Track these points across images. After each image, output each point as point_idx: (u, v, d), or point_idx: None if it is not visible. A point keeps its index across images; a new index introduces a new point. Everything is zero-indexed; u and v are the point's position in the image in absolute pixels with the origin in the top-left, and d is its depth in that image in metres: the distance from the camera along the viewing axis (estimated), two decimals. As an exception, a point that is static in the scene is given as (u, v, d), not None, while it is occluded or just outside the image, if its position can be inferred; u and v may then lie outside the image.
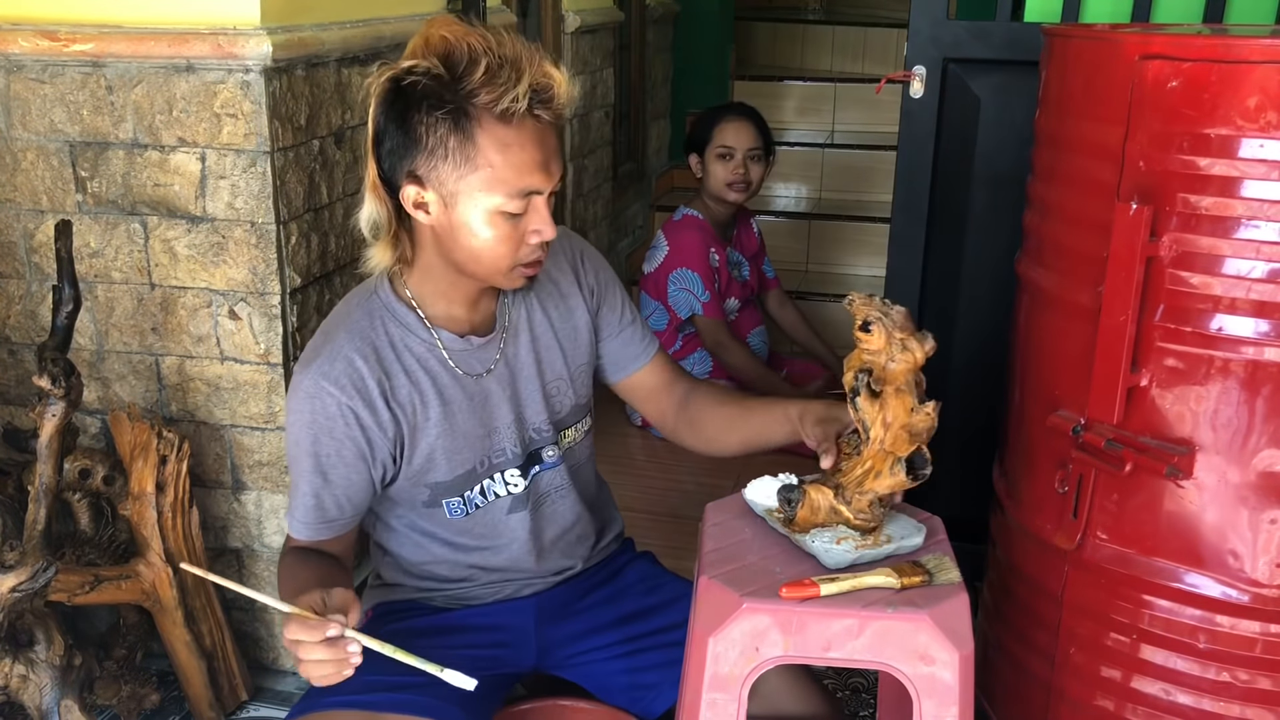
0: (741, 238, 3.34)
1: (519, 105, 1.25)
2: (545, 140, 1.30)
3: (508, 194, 1.30)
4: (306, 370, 1.39)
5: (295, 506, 1.44)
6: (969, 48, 2.21)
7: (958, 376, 2.36)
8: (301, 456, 1.41)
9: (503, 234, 1.33)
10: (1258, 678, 1.49)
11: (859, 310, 1.30)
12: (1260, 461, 1.43)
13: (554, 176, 1.32)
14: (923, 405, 1.29)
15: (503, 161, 1.28)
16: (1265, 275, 1.37)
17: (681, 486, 2.95)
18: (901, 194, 2.35)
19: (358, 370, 1.38)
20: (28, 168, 1.99)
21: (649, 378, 1.62)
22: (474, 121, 1.27)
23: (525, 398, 1.51)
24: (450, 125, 1.27)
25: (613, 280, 1.61)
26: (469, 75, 1.25)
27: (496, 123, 1.27)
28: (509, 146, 1.28)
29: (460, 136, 1.27)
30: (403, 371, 1.41)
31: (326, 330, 1.44)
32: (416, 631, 1.53)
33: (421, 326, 1.43)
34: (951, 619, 1.21)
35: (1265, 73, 1.32)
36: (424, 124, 1.28)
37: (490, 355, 1.47)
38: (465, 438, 1.46)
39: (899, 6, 4.75)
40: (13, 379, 2.13)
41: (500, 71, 1.25)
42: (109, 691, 1.99)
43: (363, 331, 1.41)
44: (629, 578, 1.67)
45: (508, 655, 1.57)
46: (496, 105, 1.25)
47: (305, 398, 1.38)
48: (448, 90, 1.26)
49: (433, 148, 1.29)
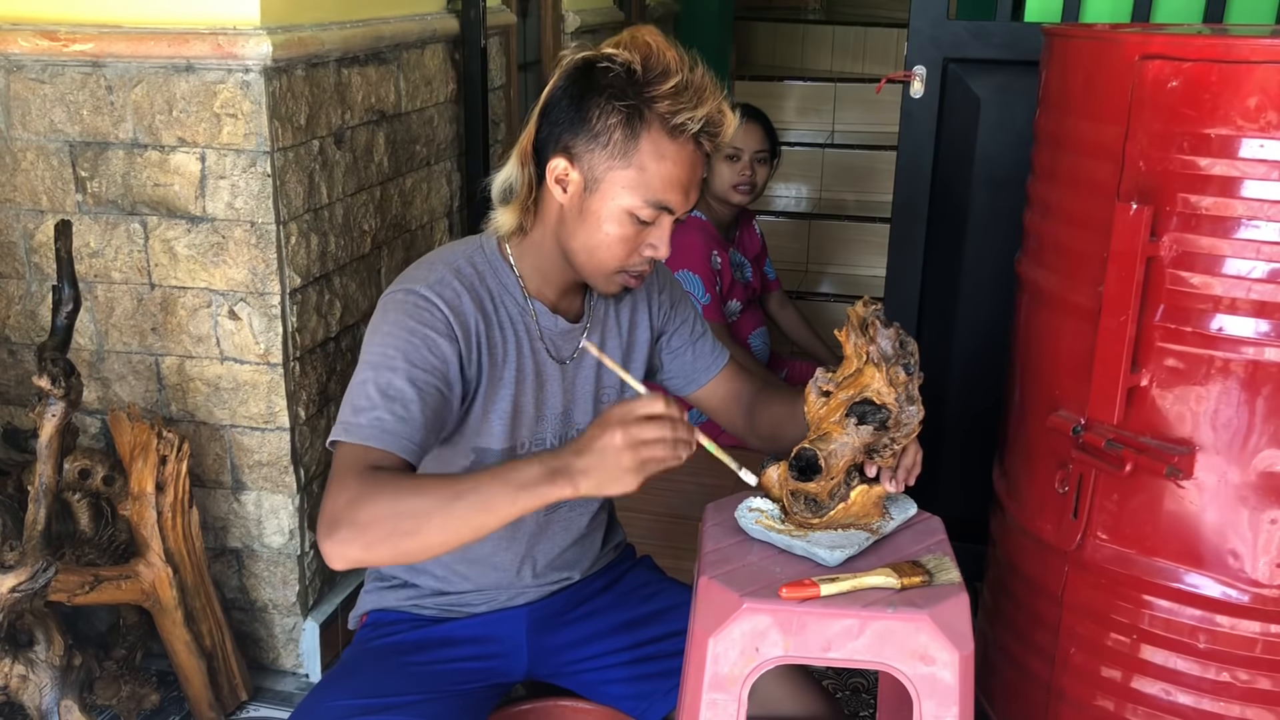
0: (744, 239, 3.34)
1: (691, 127, 1.31)
2: (696, 167, 1.35)
3: (646, 200, 1.33)
4: (413, 284, 1.36)
5: (378, 417, 1.26)
6: (969, 48, 2.21)
7: (958, 376, 2.36)
8: (396, 364, 1.29)
9: (624, 235, 1.36)
10: (1258, 678, 1.49)
11: (854, 310, 1.33)
12: (1260, 461, 1.43)
13: (690, 202, 1.37)
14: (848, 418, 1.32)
15: (655, 169, 1.32)
16: (1265, 275, 1.37)
17: (681, 486, 2.95)
18: (901, 194, 2.35)
19: (464, 302, 1.38)
20: (28, 168, 1.99)
21: (719, 388, 1.64)
22: (645, 124, 1.31)
23: (579, 396, 1.52)
24: (623, 118, 1.31)
25: (684, 296, 1.64)
26: (659, 83, 1.30)
27: (663, 133, 1.31)
28: (665, 159, 1.32)
29: (627, 131, 1.31)
30: (498, 324, 1.42)
31: (429, 262, 1.42)
32: (407, 646, 1.53)
33: (520, 292, 1.45)
34: (951, 619, 1.21)
35: (1265, 73, 1.32)
36: (599, 108, 1.32)
37: (572, 344, 1.50)
38: (522, 412, 1.46)
39: (899, 6, 4.75)
40: (13, 379, 2.13)
41: (686, 91, 1.31)
42: (109, 691, 1.99)
43: (468, 274, 1.41)
44: (627, 585, 1.67)
45: (498, 666, 1.57)
46: (671, 118, 1.30)
47: (411, 307, 1.33)
48: (633, 87, 1.31)
49: (598, 132, 1.32)
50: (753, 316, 3.32)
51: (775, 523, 1.36)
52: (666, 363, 1.63)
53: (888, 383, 1.31)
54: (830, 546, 1.30)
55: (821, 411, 1.35)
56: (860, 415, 1.32)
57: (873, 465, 1.35)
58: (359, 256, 2.22)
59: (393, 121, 2.31)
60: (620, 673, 1.56)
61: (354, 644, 1.59)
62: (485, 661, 1.55)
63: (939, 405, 2.34)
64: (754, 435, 1.62)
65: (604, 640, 1.58)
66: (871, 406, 1.31)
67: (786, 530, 1.34)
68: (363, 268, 2.24)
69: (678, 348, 1.62)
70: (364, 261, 2.25)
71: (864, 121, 4.98)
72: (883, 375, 1.31)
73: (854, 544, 1.31)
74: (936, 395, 2.41)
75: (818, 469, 1.31)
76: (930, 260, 2.37)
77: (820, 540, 1.31)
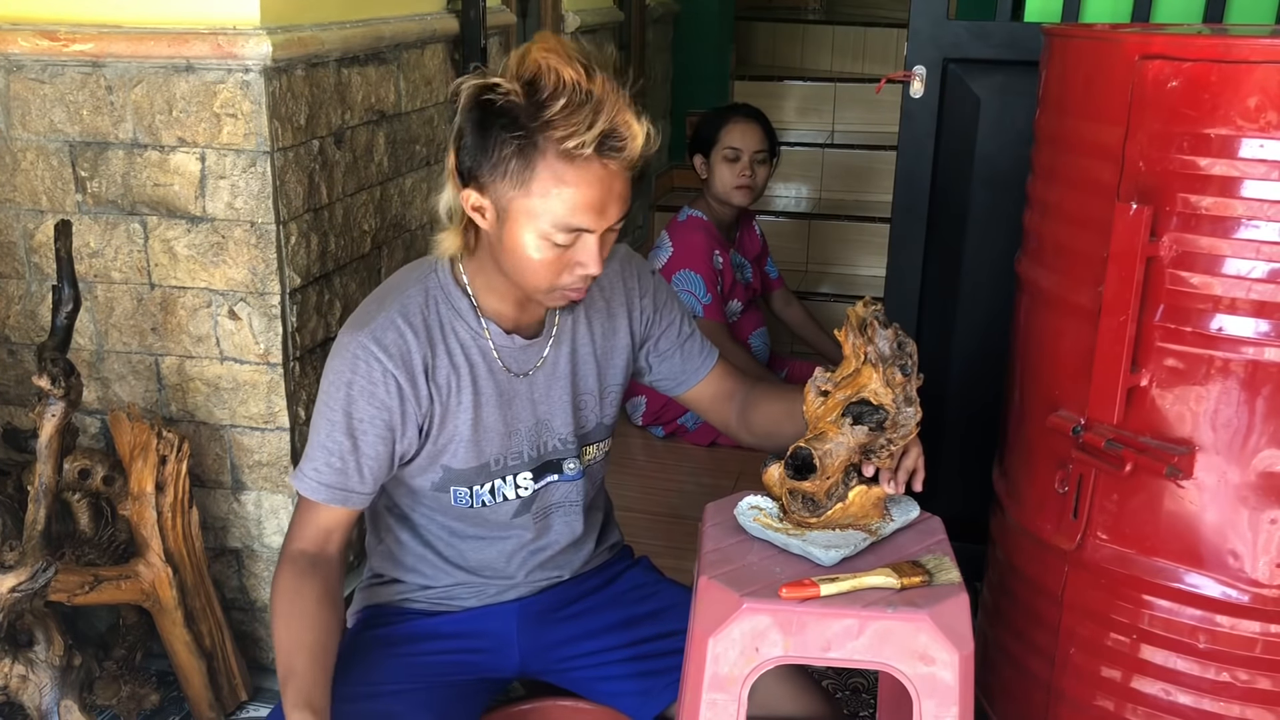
0: (744, 239, 3.34)
1: (585, 150, 1.27)
2: (607, 184, 1.31)
3: (553, 226, 1.32)
4: (357, 332, 1.41)
5: (316, 468, 1.42)
6: (969, 48, 2.21)
7: (957, 376, 2.36)
8: (335, 417, 1.41)
9: (547, 259, 1.35)
10: (1258, 678, 1.49)
11: (854, 310, 1.33)
12: (1260, 461, 1.43)
13: (609, 219, 1.34)
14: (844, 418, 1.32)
15: (555, 196, 1.30)
16: (1265, 275, 1.37)
17: (681, 487, 2.95)
18: (901, 194, 2.35)
19: (406, 341, 1.41)
20: (28, 168, 1.99)
21: (710, 387, 1.64)
22: (539, 152, 1.29)
23: (554, 406, 1.52)
24: (515, 148, 1.29)
25: (671, 297, 1.63)
26: (546, 107, 1.27)
27: (559, 159, 1.29)
28: (565, 184, 1.30)
29: (522, 161, 1.30)
30: (446, 353, 1.44)
31: (380, 297, 1.46)
32: (396, 638, 1.54)
33: (473, 315, 1.46)
34: (951, 619, 1.21)
35: (1265, 73, 1.32)
36: (495, 139, 1.30)
37: (532, 358, 1.50)
38: (488, 432, 1.48)
39: (899, 6, 4.75)
40: (13, 379, 2.13)
41: (578, 111, 1.27)
42: (109, 691, 1.99)
43: (416, 306, 1.43)
44: (624, 584, 1.67)
45: (488, 660, 1.57)
46: (564, 143, 1.27)
47: (351, 359, 1.40)
48: (523, 115, 1.28)
49: (496, 163, 1.31)
50: (753, 317, 3.32)
51: (773, 521, 1.36)
52: (654, 366, 1.63)
53: (885, 383, 1.31)
54: (826, 546, 1.30)
55: (819, 411, 1.35)
56: (857, 415, 1.32)
57: (870, 466, 1.35)
58: (359, 256, 2.22)
59: (393, 121, 2.31)
60: (615, 670, 1.56)
61: (345, 637, 1.60)
62: (474, 655, 1.56)
63: (939, 405, 2.34)
64: (748, 433, 1.62)
65: (599, 638, 1.58)
66: (868, 407, 1.31)
67: (784, 529, 1.34)
68: (363, 268, 2.25)
69: (665, 350, 1.62)
70: (364, 261, 2.25)
71: (864, 121, 4.98)
72: (880, 376, 1.31)
73: (850, 544, 1.31)
74: (936, 395, 2.42)
75: (813, 468, 1.32)
76: (930, 260, 2.37)
77: (817, 540, 1.32)
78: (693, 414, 3.13)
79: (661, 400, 3.14)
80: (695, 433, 3.16)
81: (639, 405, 3.21)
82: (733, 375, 1.65)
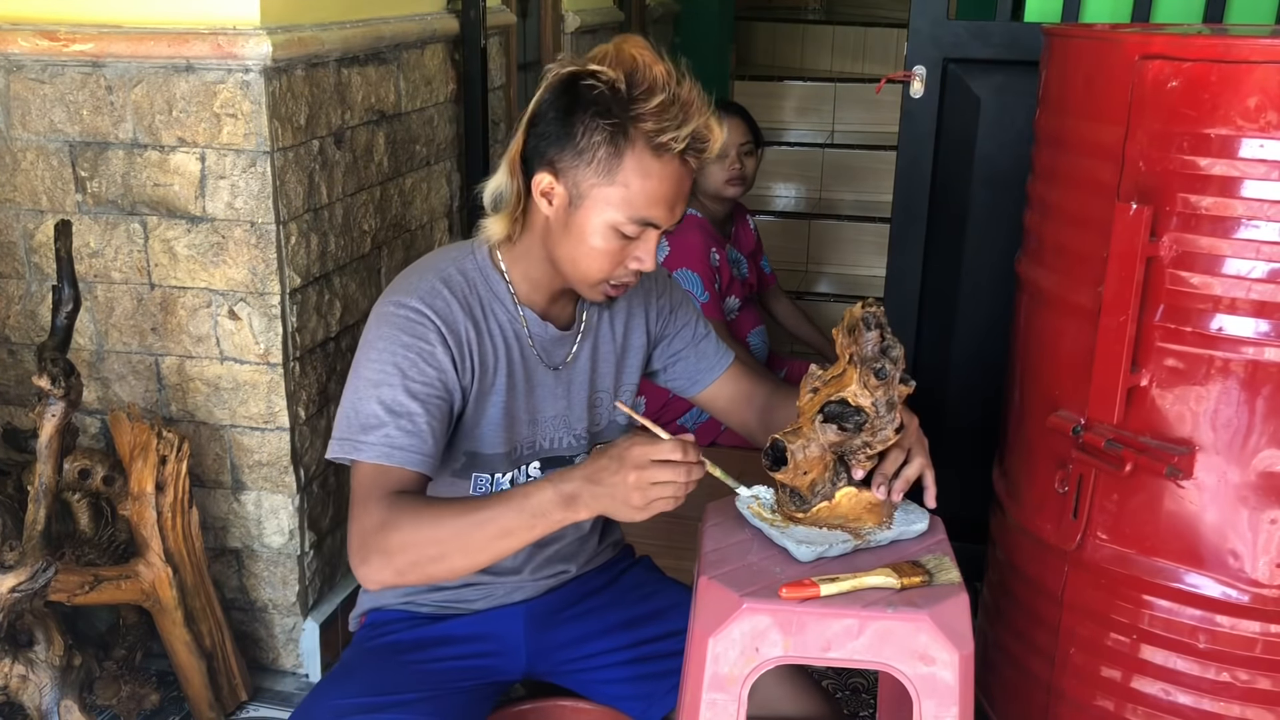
0: (739, 235, 3.35)
1: (676, 145, 1.30)
2: (682, 182, 1.35)
3: (630, 216, 1.33)
4: (405, 297, 1.38)
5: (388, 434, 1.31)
6: (969, 48, 2.21)
7: (957, 376, 2.36)
8: (394, 380, 1.33)
9: (609, 248, 1.36)
10: (1258, 678, 1.49)
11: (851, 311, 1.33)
12: (1260, 461, 1.43)
13: (676, 215, 1.37)
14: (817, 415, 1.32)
15: (639, 187, 1.32)
16: (1265, 275, 1.37)
17: (681, 486, 2.94)
18: (901, 194, 2.35)
19: (454, 311, 1.40)
20: (28, 168, 1.99)
21: (725, 388, 1.64)
22: (630, 142, 1.30)
23: (574, 401, 1.53)
24: (607, 136, 1.31)
25: (685, 298, 1.64)
26: (643, 100, 1.29)
27: (648, 151, 1.31)
28: (649, 176, 1.32)
29: (611, 149, 1.31)
30: (488, 332, 1.44)
31: (420, 270, 1.44)
32: (405, 645, 1.53)
33: (510, 300, 1.46)
34: (951, 619, 1.21)
35: (1265, 73, 1.32)
36: (584, 125, 1.31)
37: (564, 351, 1.50)
38: (514, 419, 1.47)
39: (899, 6, 4.75)
40: (13, 379, 2.13)
41: (671, 108, 1.30)
42: (109, 691, 1.99)
43: (458, 282, 1.42)
44: (626, 584, 1.67)
45: (496, 664, 1.57)
46: (656, 136, 1.30)
47: (403, 320, 1.36)
48: (618, 105, 1.30)
49: (583, 149, 1.32)
50: (751, 315, 3.32)
51: (765, 511, 1.38)
52: (669, 366, 1.63)
53: (864, 386, 1.31)
54: (802, 541, 1.30)
55: (805, 406, 1.36)
56: (832, 415, 1.32)
57: (857, 469, 1.35)
58: (359, 256, 2.22)
59: (393, 121, 2.31)
60: (619, 672, 1.56)
61: (352, 644, 1.59)
62: (483, 659, 1.56)
63: (939, 405, 2.34)
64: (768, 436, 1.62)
65: (602, 639, 1.58)
66: (848, 408, 1.31)
67: (773, 520, 1.36)
68: (363, 268, 2.25)
69: (679, 350, 1.62)
70: (364, 261, 2.25)
71: (864, 121, 4.98)
72: (860, 378, 1.31)
73: (828, 543, 1.31)
74: (936, 395, 2.42)
75: (784, 460, 1.32)
76: (930, 260, 2.37)
77: (795, 534, 1.32)
78: (692, 415, 3.13)
79: (661, 400, 3.14)
80: (695, 433, 3.15)
81: (639, 406, 3.20)
82: (750, 377, 1.65)
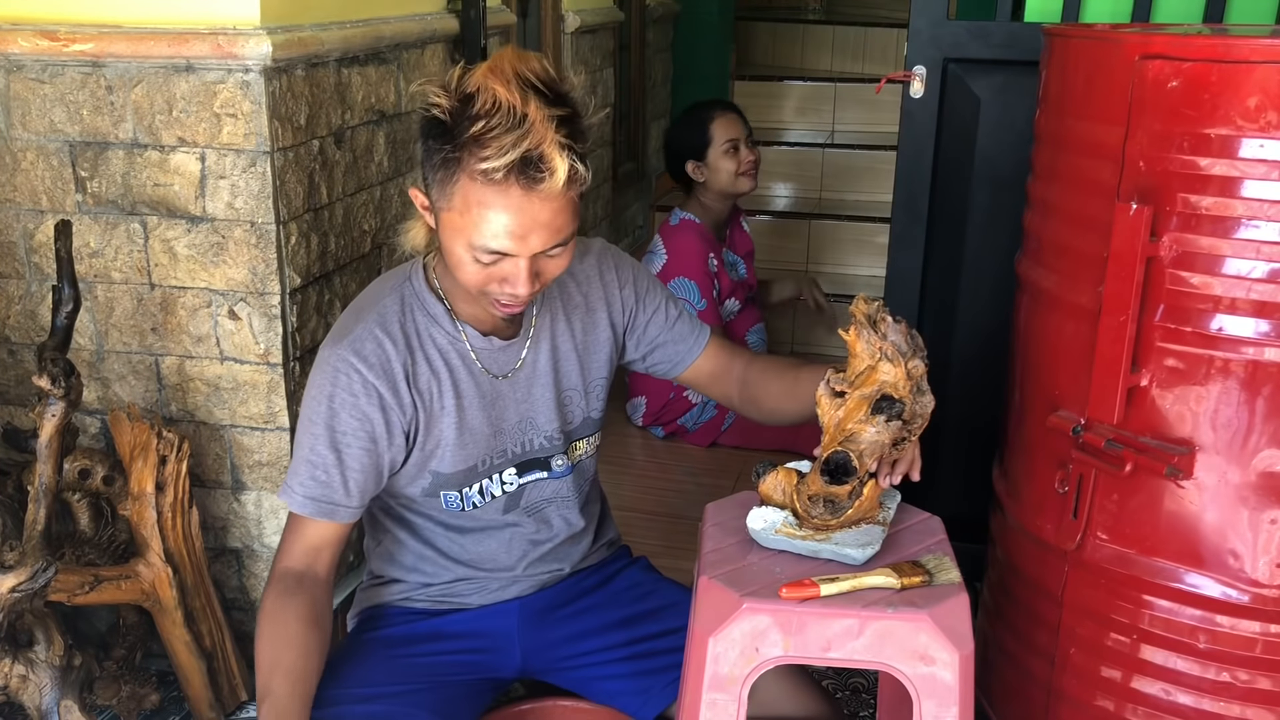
0: (735, 237, 3.35)
1: (496, 174, 1.25)
2: (528, 212, 1.28)
3: (472, 244, 1.31)
4: (335, 345, 1.42)
5: (301, 482, 1.42)
6: (969, 48, 2.21)
7: (958, 376, 2.36)
8: (318, 430, 1.41)
9: (473, 269, 1.34)
10: (1258, 678, 1.49)
11: (857, 309, 1.32)
12: (1260, 461, 1.43)
13: (532, 246, 1.30)
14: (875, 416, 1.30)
15: (475, 216, 1.29)
16: (1265, 275, 1.37)
17: (681, 486, 2.95)
18: (901, 194, 2.35)
19: (385, 350, 1.41)
20: (28, 168, 1.99)
21: (705, 365, 1.65)
22: (461, 169, 1.28)
23: (537, 405, 1.53)
24: (441, 161, 1.30)
25: (653, 285, 1.63)
26: (471, 125, 1.26)
27: (476, 179, 1.27)
28: (482, 206, 1.28)
29: (446, 174, 1.30)
30: (425, 359, 1.45)
31: (357, 309, 1.46)
32: (396, 640, 1.54)
33: (448, 320, 1.46)
34: (951, 619, 1.21)
35: (1265, 73, 1.32)
36: (426, 149, 1.33)
37: (511, 360, 1.50)
38: (473, 434, 1.48)
39: (899, 6, 4.74)
40: (13, 379, 2.13)
41: (503, 135, 1.24)
42: (109, 691, 1.99)
43: (393, 314, 1.44)
44: (622, 583, 1.67)
45: (490, 660, 1.57)
46: (481, 163, 1.26)
47: (331, 372, 1.40)
48: (449, 132, 1.28)
49: (427, 173, 1.34)
50: (750, 314, 3.33)
51: (795, 530, 1.35)
52: (648, 355, 1.63)
53: (906, 376, 1.31)
54: (857, 545, 1.30)
55: (840, 413, 1.33)
56: (887, 411, 1.32)
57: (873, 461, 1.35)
58: (359, 256, 2.22)
59: (393, 121, 2.31)
60: (615, 669, 1.57)
61: (347, 638, 1.60)
62: (477, 655, 1.56)
63: (939, 405, 2.34)
64: (755, 411, 1.63)
65: (598, 636, 1.59)
66: (895, 402, 1.31)
67: (807, 535, 1.33)
68: (363, 268, 2.24)
69: (655, 336, 1.62)
70: (364, 261, 2.25)
71: (864, 121, 4.98)
72: (900, 369, 1.31)
73: (876, 539, 1.31)
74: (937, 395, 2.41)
75: (851, 470, 1.31)
76: (930, 260, 2.37)
77: (846, 540, 1.31)
78: (692, 415, 3.14)
79: (662, 401, 3.14)
80: (695, 433, 3.16)
81: (639, 406, 3.21)
82: (726, 350, 1.66)
